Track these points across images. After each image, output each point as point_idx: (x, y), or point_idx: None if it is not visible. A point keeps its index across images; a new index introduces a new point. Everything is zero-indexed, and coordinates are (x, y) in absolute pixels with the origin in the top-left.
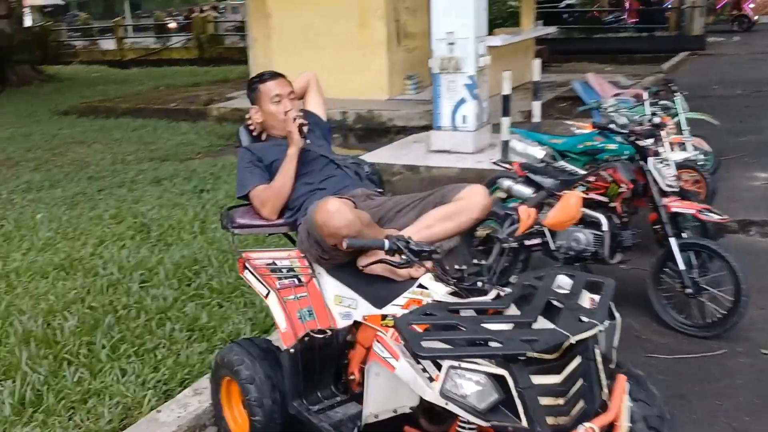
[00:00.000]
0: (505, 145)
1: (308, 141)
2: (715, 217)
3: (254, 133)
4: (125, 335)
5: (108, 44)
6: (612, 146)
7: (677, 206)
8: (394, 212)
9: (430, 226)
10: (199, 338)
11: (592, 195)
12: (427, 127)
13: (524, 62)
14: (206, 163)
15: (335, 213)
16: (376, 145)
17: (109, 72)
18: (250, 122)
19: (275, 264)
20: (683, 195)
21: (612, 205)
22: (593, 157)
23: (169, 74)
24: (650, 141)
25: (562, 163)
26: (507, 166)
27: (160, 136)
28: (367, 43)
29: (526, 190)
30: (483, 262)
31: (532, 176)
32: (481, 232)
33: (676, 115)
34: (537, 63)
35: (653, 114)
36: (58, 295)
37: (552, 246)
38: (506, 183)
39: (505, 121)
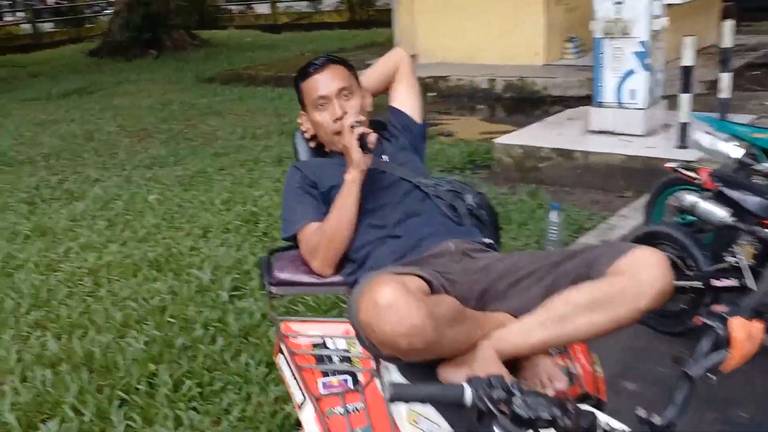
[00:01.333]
0: (684, 129)
1: (384, 157)
2: None
3: (312, 144)
4: (194, 367)
5: (263, 8)
6: None
7: None
8: (507, 283)
9: (565, 318)
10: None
11: None
12: (587, 99)
13: (705, 22)
14: None
15: (388, 311)
16: (526, 118)
17: (261, 37)
18: (305, 129)
19: (325, 344)
20: None
21: None
22: None
23: (317, 39)
24: None
25: None
26: (690, 174)
27: (294, 108)
28: (521, 0)
29: (719, 212)
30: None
31: (727, 191)
32: None
33: None
34: (728, 25)
35: None
36: (139, 301)
37: (755, 289)
38: (689, 198)
39: (686, 100)
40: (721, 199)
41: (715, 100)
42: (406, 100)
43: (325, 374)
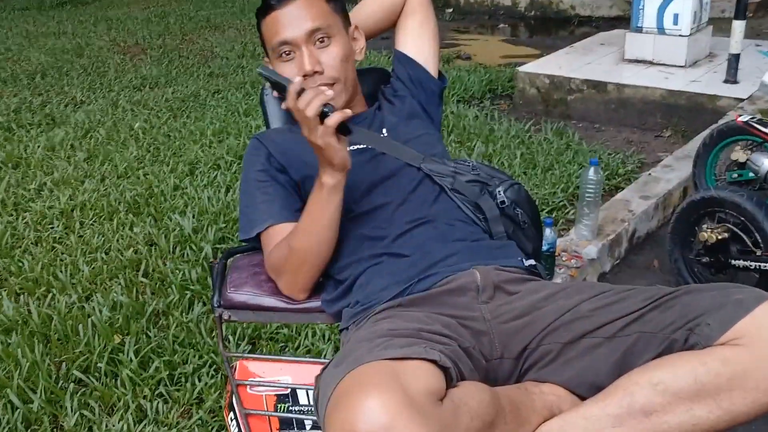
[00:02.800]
0: (735, 61)
1: (383, 131)
2: None
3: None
4: (164, 341)
5: None
6: None
7: None
8: (562, 341)
9: (653, 411)
10: (268, 352)
11: None
12: (619, 21)
13: None
14: None
15: None
16: (552, 41)
17: None
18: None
19: (295, 397)
20: None
21: None
22: None
23: None
24: None
25: None
26: (762, 129)
27: None
28: None
29: None
30: None
31: None
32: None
33: None
34: None
35: None
36: (111, 253)
37: None
38: (767, 163)
39: (738, 27)
40: None
41: (761, 25)
42: (419, 44)
43: None
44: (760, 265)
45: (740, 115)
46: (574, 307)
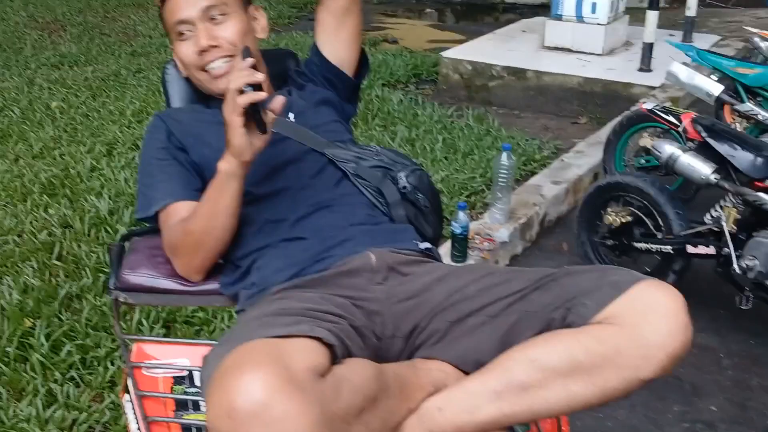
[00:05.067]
0: (649, 50)
1: (290, 115)
2: None
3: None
4: (77, 325)
5: None
6: None
7: None
8: (449, 320)
9: (530, 386)
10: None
11: None
12: (543, 8)
13: None
14: (267, 42)
15: (253, 422)
16: (477, 27)
17: None
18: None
19: (191, 379)
20: None
21: None
22: None
23: None
24: None
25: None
26: (671, 120)
27: None
28: None
29: (703, 169)
30: None
31: (714, 144)
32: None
33: None
34: None
35: None
36: (24, 236)
37: (734, 262)
38: (667, 149)
39: (652, 18)
40: (704, 151)
41: (676, 16)
42: (338, 37)
43: (187, 430)
44: (660, 248)
45: (644, 103)
46: (463, 287)
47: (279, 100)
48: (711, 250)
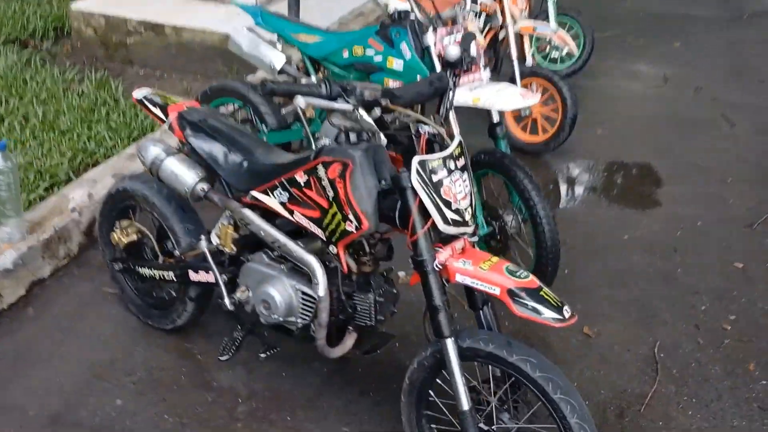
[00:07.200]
0: (296, 2)
1: None
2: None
3: None
4: None
5: None
6: (395, 62)
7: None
8: None
9: None
10: None
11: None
12: None
13: None
14: None
15: None
16: None
17: None
18: None
19: None
20: None
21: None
22: (369, 75)
23: None
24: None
25: (314, 83)
26: (158, 114)
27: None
28: None
29: (187, 176)
30: None
31: (197, 145)
32: None
33: None
34: None
35: None
36: None
37: (224, 293)
38: (153, 151)
39: None
40: (196, 154)
41: None
42: None
43: None
44: (163, 274)
45: (135, 91)
46: None
47: None
48: (209, 277)
